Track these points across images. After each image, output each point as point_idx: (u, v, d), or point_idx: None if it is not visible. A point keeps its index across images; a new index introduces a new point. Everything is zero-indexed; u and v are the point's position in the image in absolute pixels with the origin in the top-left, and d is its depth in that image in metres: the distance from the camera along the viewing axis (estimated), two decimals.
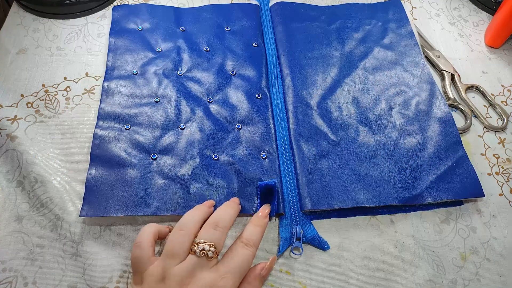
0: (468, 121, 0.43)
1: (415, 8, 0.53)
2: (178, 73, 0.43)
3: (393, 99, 0.42)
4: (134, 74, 0.43)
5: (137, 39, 0.46)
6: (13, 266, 0.32)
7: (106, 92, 0.41)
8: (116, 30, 0.46)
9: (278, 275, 0.33)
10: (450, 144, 0.39)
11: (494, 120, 0.44)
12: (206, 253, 0.28)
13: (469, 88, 0.46)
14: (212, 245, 0.29)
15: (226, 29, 0.48)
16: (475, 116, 0.44)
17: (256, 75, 0.44)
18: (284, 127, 0.41)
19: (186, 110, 0.41)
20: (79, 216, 0.34)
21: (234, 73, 0.44)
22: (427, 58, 0.48)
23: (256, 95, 0.42)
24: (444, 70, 0.46)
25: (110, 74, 0.42)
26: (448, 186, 0.37)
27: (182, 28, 0.47)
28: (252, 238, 0.31)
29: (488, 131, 0.43)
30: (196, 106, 0.41)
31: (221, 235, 0.30)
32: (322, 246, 0.34)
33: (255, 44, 0.46)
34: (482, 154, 0.41)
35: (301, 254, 0.34)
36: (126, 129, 0.39)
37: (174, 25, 0.47)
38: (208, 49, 0.46)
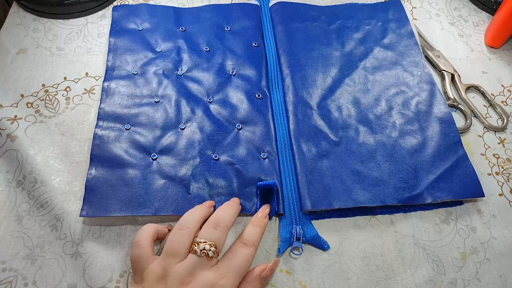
0: (468, 121, 0.43)
1: (415, 8, 0.53)
2: (178, 73, 0.43)
3: (393, 99, 0.43)
4: (134, 74, 0.43)
5: (137, 39, 0.46)
6: (13, 266, 0.32)
7: (106, 92, 0.41)
8: (116, 30, 0.46)
9: (278, 275, 0.33)
10: (450, 144, 0.39)
11: (494, 120, 0.44)
12: (207, 253, 0.28)
13: (469, 88, 0.46)
14: (213, 245, 0.29)
15: (226, 29, 0.48)
16: (475, 116, 0.44)
17: (256, 75, 0.44)
18: (284, 127, 0.41)
19: (186, 110, 0.41)
20: (79, 216, 0.34)
21: (234, 73, 0.44)
22: (427, 58, 0.48)
23: (256, 95, 0.42)
24: (444, 70, 0.46)
25: (110, 74, 0.42)
26: (448, 186, 0.37)
27: (182, 28, 0.47)
28: (252, 238, 0.31)
29: (488, 131, 0.43)
30: (196, 106, 0.41)
31: (222, 235, 0.30)
32: (322, 246, 0.34)
33: (255, 44, 0.46)
34: (482, 154, 0.41)
35: (301, 254, 0.34)
36: (126, 129, 0.39)
37: (174, 25, 0.47)
38: (208, 49, 0.46)
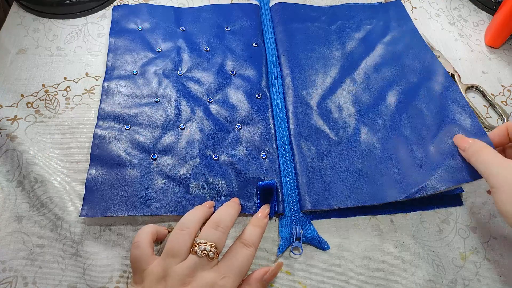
0: None
1: (415, 8, 0.53)
2: (178, 73, 0.43)
3: (394, 97, 0.42)
4: (134, 74, 0.43)
5: (137, 39, 0.46)
6: (13, 266, 0.32)
7: (106, 92, 0.41)
8: (116, 30, 0.46)
9: (278, 275, 0.33)
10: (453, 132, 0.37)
11: (494, 120, 0.44)
12: (207, 254, 0.28)
13: (469, 88, 0.46)
14: (213, 246, 0.29)
15: (226, 29, 0.48)
16: None
17: (256, 75, 0.44)
18: (284, 127, 0.41)
19: (186, 110, 0.41)
20: (79, 216, 0.34)
21: (234, 73, 0.44)
22: None
23: (256, 95, 0.42)
24: None
25: (110, 74, 0.42)
26: (453, 173, 0.34)
27: (182, 28, 0.47)
28: (252, 238, 0.31)
29: (488, 131, 0.43)
30: (196, 106, 0.41)
31: (222, 236, 0.30)
32: (322, 246, 0.34)
33: (255, 44, 0.46)
34: None
35: (301, 254, 0.34)
36: (126, 129, 0.39)
37: (174, 25, 0.47)
38: (208, 49, 0.46)
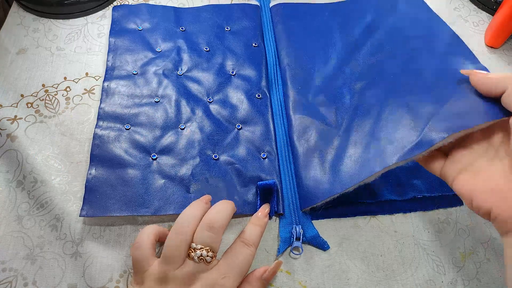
0: None
1: None
2: (178, 73, 0.43)
3: (400, 83, 0.36)
4: (134, 74, 0.43)
5: (137, 39, 0.46)
6: (13, 266, 0.32)
7: (106, 92, 0.41)
8: (116, 30, 0.46)
9: (278, 275, 0.33)
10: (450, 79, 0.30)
11: None
12: (204, 259, 0.28)
13: None
14: (209, 250, 0.29)
15: (226, 29, 0.48)
16: None
17: (256, 75, 0.44)
18: (284, 127, 0.41)
19: (186, 110, 0.41)
20: (79, 216, 0.34)
21: (234, 73, 0.44)
22: None
23: (256, 95, 0.42)
24: None
25: (110, 74, 0.42)
26: (450, 123, 0.27)
27: (182, 28, 0.47)
28: (252, 238, 0.31)
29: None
30: (196, 106, 0.41)
31: (217, 237, 0.29)
32: (322, 246, 0.34)
33: (255, 44, 0.46)
34: None
35: (301, 254, 0.34)
36: (126, 129, 0.39)
37: (174, 25, 0.47)
38: (208, 49, 0.46)
